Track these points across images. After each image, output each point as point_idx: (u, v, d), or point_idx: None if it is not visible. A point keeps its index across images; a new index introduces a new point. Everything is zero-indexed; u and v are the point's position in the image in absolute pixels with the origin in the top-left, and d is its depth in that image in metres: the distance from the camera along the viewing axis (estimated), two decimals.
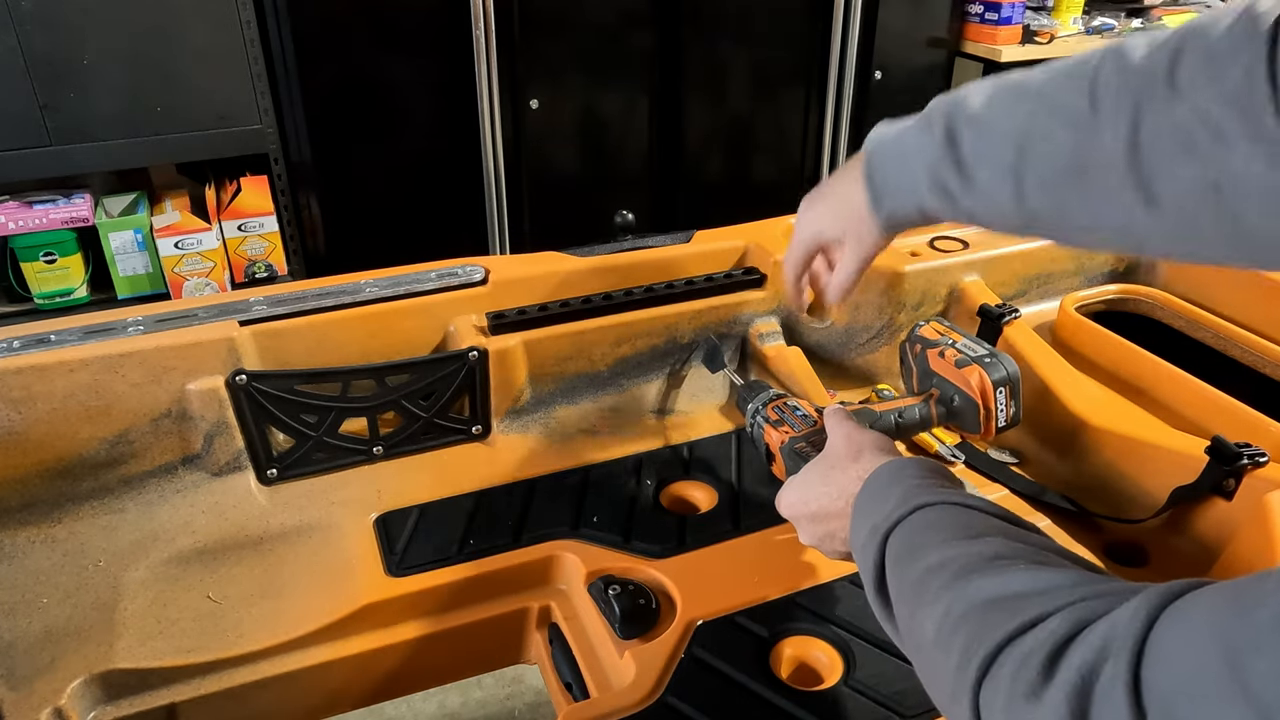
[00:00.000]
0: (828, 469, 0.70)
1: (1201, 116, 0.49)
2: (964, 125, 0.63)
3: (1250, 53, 0.47)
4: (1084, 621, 0.41)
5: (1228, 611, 0.35)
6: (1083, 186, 0.56)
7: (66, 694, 0.72)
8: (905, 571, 0.55)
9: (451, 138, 2.20)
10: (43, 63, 1.75)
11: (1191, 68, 0.50)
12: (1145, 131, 0.52)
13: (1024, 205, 0.60)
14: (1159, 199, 0.52)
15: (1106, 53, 0.56)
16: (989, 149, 0.61)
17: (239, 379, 0.89)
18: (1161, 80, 0.51)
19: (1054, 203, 0.59)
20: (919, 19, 2.68)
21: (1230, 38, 0.49)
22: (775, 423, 0.85)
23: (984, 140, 0.62)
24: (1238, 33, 0.48)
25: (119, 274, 1.98)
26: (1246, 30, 0.48)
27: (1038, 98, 0.60)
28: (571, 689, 0.78)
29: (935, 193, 0.65)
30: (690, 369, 1.11)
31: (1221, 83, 0.48)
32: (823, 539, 0.69)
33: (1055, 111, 0.58)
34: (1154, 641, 0.37)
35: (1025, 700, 0.40)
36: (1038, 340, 1.09)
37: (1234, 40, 0.48)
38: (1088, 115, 0.55)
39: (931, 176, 0.65)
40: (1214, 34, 0.50)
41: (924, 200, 0.67)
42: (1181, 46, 0.51)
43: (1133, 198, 0.53)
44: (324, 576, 0.84)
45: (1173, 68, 0.51)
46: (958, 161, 0.63)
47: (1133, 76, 0.53)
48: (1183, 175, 0.50)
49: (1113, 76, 0.55)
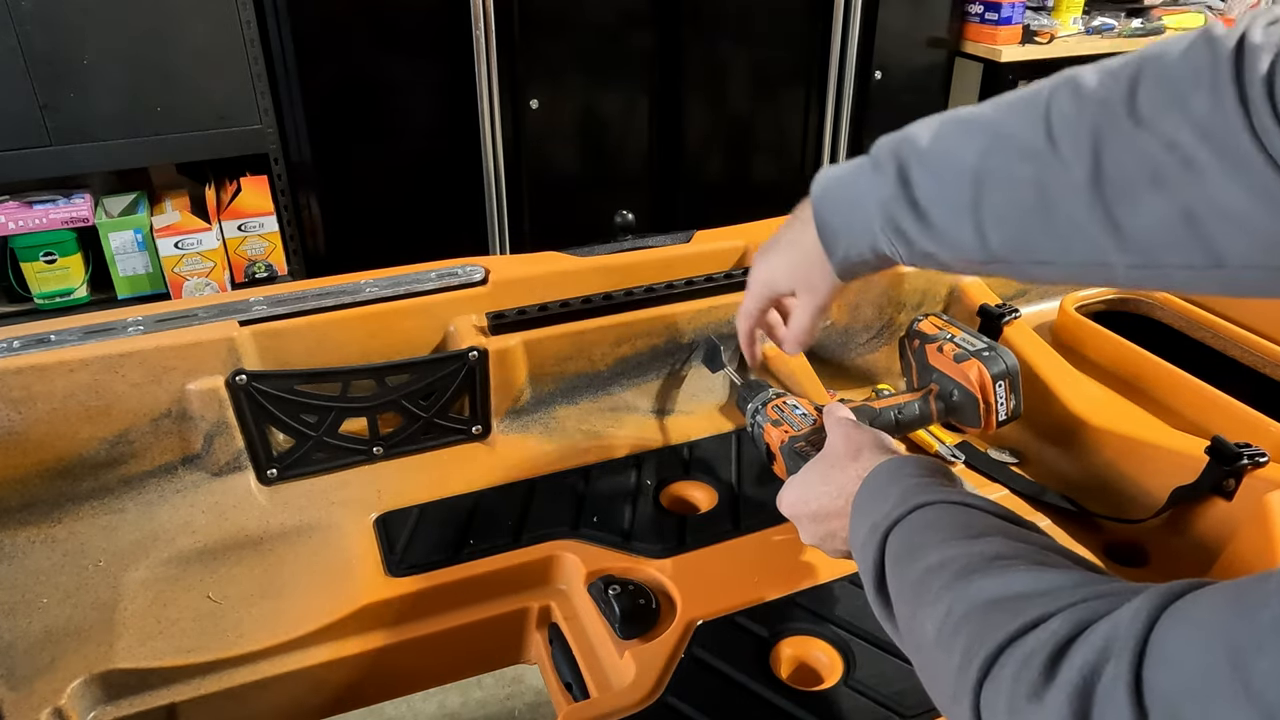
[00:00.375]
0: (827, 468, 0.70)
1: (1168, 144, 0.48)
2: (915, 164, 0.61)
3: (1214, 78, 0.46)
4: (1085, 622, 0.41)
5: (1229, 612, 0.35)
6: (1046, 221, 0.55)
7: (66, 694, 0.72)
8: (905, 571, 0.55)
9: (451, 138, 2.20)
10: (43, 63, 1.75)
11: (1152, 95, 0.49)
12: (1108, 163, 0.51)
13: (985, 243, 0.58)
14: (1127, 231, 0.51)
15: (1058, 83, 0.55)
16: (945, 188, 0.60)
17: (239, 379, 0.89)
18: (1121, 109, 0.50)
19: (1017, 239, 0.57)
20: (919, 19, 2.68)
21: (1189, 63, 0.48)
22: (775, 422, 0.85)
23: (938, 179, 0.60)
24: (1197, 58, 0.48)
25: (119, 274, 1.98)
26: (1207, 56, 0.47)
27: (991, 133, 0.58)
28: (571, 689, 0.78)
29: (890, 235, 0.63)
30: (690, 369, 1.11)
31: (1187, 110, 0.47)
32: (824, 538, 0.69)
33: (1010, 146, 0.56)
34: (1155, 642, 0.37)
35: (1027, 701, 0.40)
36: (1038, 340, 1.09)
37: (1194, 66, 0.48)
38: (1045, 148, 0.54)
39: (885, 218, 0.63)
40: (1170, 60, 0.50)
41: (878, 243, 0.64)
42: (1138, 75, 0.51)
43: (1100, 230, 0.52)
44: (324, 576, 0.84)
45: (1132, 96, 0.50)
46: (912, 202, 0.61)
47: (1089, 106, 0.52)
48: (1151, 206, 0.49)
49: (1068, 107, 0.54)
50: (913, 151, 0.62)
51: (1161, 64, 0.50)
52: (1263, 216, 0.45)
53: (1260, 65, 0.44)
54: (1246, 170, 0.45)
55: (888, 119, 2.76)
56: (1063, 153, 0.53)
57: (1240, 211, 0.46)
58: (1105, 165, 0.51)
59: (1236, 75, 0.45)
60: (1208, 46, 0.48)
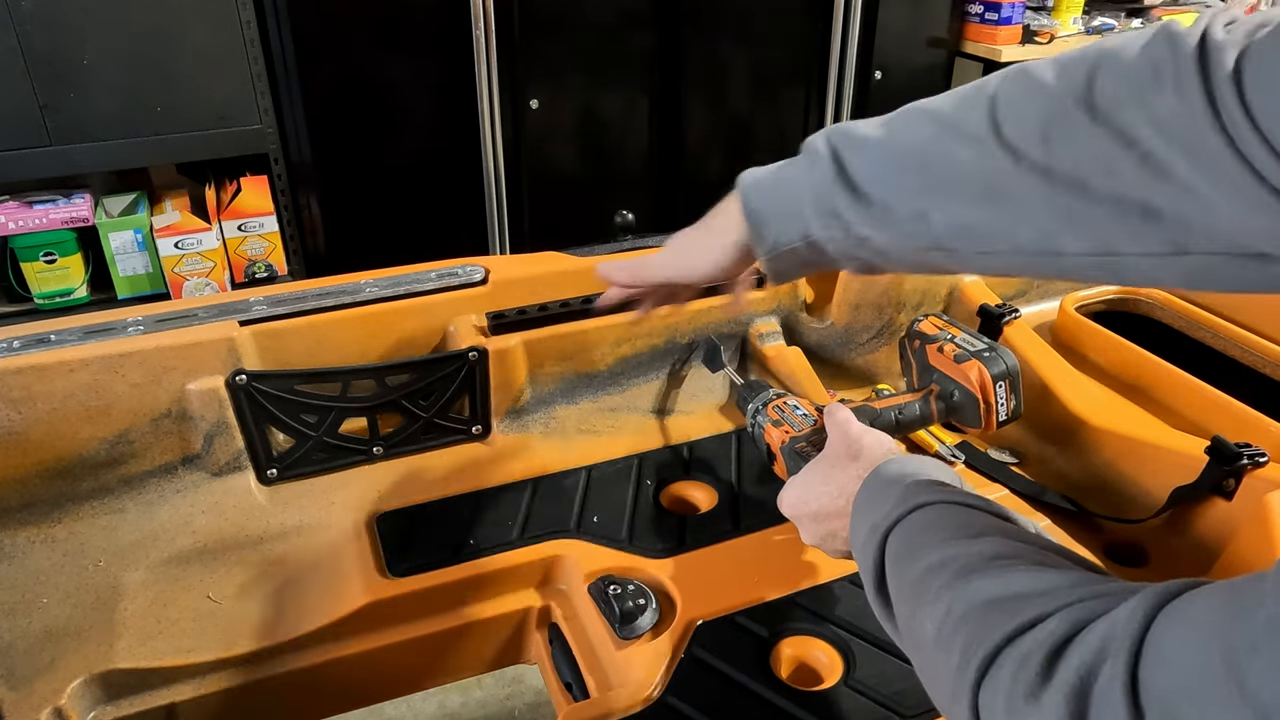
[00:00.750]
0: (828, 468, 0.70)
1: (1125, 140, 0.47)
2: (850, 149, 0.59)
3: (1177, 75, 0.46)
4: (1082, 622, 0.41)
5: (1225, 612, 0.35)
6: (992, 208, 0.54)
7: (66, 694, 0.72)
8: (905, 571, 0.55)
9: (451, 138, 2.20)
10: (43, 63, 1.75)
11: (1109, 90, 0.49)
12: (1060, 153, 0.50)
13: (929, 227, 0.56)
14: (1080, 219, 0.50)
15: (1008, 74, 0.55)
16: (884, 169, 0.58)
17: (239, 379, 0.89)
18: (1074, 102, 0.50)
19: (961, 225, 0.55)
20: (919, 19, 2.68)
21: (1149, 60, 0.48)
22: (776, 422, 0.85)
23: (877, 161, 0.58)
24: (1158, 55, 0.47)
25: (119, 274, 1.98)
26: (1167, 52, 0.47)
27: (935, 120, 0.57)
28: (571, 689, 0.78)
29: (824, 218, 0.60)
30: (690, 369, 1.11)
31: (1147, 106, 0.47)
32: (824, 538, 0.69)
33: (954, 132, 0.55)
34: (1151, 642, 0.37)
35: (1024, 701, 0.40)
36: (1038, 340, 1.09)
37: (1154, 63, 0.47)
38: (989, 135, 0.53)
39: (818, 201, 0.60)
40: (1128, 56, 0.49)
41: (810, 227, 0.61)
42: (1095, 69, 0.50)
43: (1051, 219, 0.51)
44: (324, 576, 0.84)
45: (1088, 89, 0.50)
46: (849, 183, 0.59)
47: (1039, 96, 0.52)
48: (1106, 197, 0.49)
49: (1016, 96, 0.53)
50: (847, 139, 0.60)
51: (1119, 59, 0.49)
52: (1228, 208, 0.45)
53: (1226, 62, 0.44)
54: (1213, 165, 0.44)
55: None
56: (1008, 139, 0.52)
57: (1205, 205, 0.46)
58: (1057, 155, 0.51)
59: (1202, 72, 0.45)
60: (1168, 44, 0.47)
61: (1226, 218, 0.45)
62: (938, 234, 0.57)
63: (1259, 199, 0.43)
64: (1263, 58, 0.43)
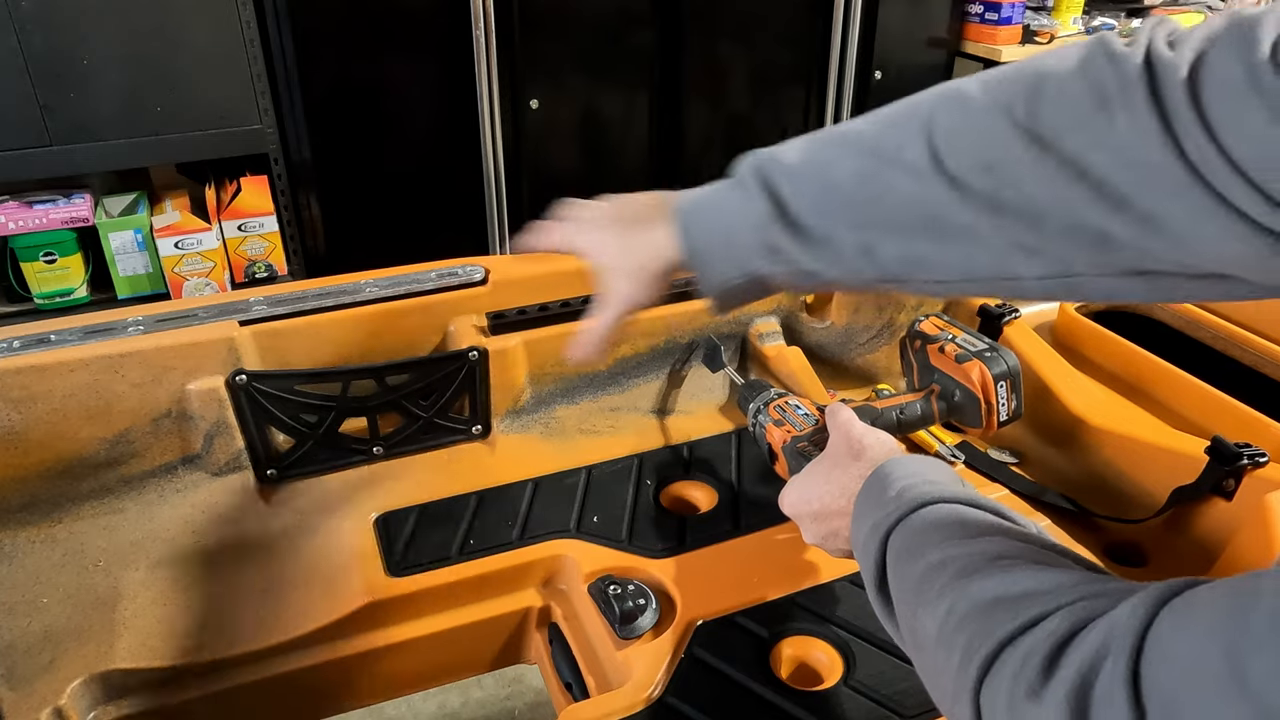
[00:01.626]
0: (830, 467, 0.70)
1: (1076, 170, 0.45)
2: (785, 181, 0.57)
3: (1126, 96, 0.43)
4: (1084, 621, 0.41)
5: (1226, 609, 0.35)
6: (940, 239, 0.52)
7: (66, 694, 0.72)
8: (906, 571, 0.55)
9: (451, 138, 2.20)
10: (43, 63, 1.75)
11: (1053, 117, 0.47)
12: (1006, 187, 0.48)
13: (875, 261, 0.54)
14: (1035, 247, 0.49)
15: (941, 97, 0.52)
16: (824, 203, 0.56)
17: (239, 379, 0.89)
18: (1017, 131, 0.48)
19: (910, 256, 0.54)
20: (919, 19, 2.68)
21: (1093, 82, 0.45)
22: (777, 422, 0.85)
23: (814, 195, 0.56)
24: (1101, 76, 0.45)
25: (119, 274, 1.98)
26: (1111, 72, 0.45)
27: (870, 150, 0.54)
28: (571, 689, 0.78)
29: (767, 254, 0.58)
30: (690, 369, 1.11)
31: (1096, 132, 0.45)
32: (826, 537, 0.69)
33: (895, 164, 0.53)
34: (1153, 639, 0.37)
35: (1026, 699, 0.40)
36: (1038, 340, 1.09)
37: (1098, 85, 0.45)
38: (929, 167, 0.51)
39: (759, 237, 0.58)
40: (1068, 77, 0.46)
41: (753, 264, 0.59)
42: (1035, 93, 0.47)
43: (1004, 246, 0.49)
44: (324, 576, 0.84)
45: (1030, 117, 0.47)
46: (788, 219, 0.56)
47: (980, 124, 0.49)
48: (1059, 227, 0.47)
49: (957, 125, 0.51)
50: (779, 169, 0.57)
51: (1059, 81, 0.47)
52: (1191, 235, 0.43)
53: (1177, 80, 0.42)
54: (1173, 192, 0.42)
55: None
56: (951, 171, 0.50)
57: (1166, 232, 0.44)
58: (1004, 187, 0.48)
59: (1152, 93, 0.43)
60: (1110, 64, 0.45)
61: (1189, 244, 0.44)
62: (886, 266, 0.55)
63: (1226, 225, 0.41)
64: (1220, 71, 0.41)
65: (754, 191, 0.58)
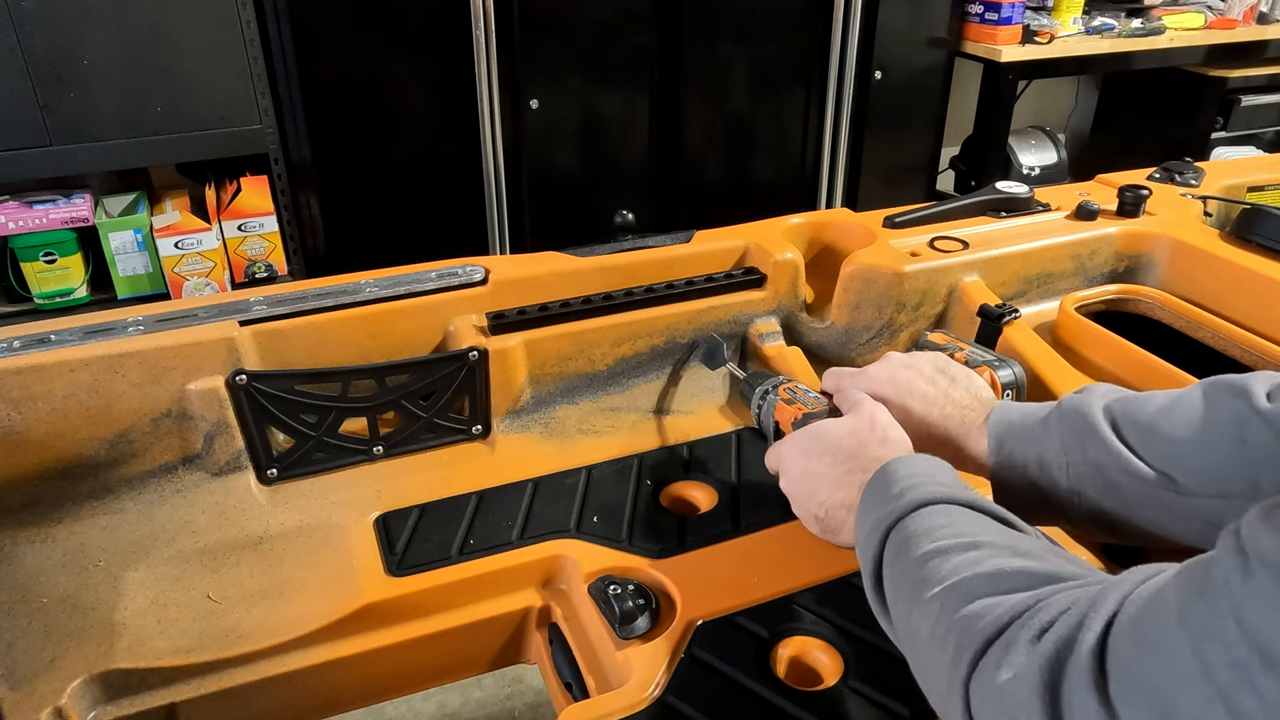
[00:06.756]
0: (851, 440, 0.69)
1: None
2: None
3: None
4: (1066, 609, 0.44)
5: (1188, 589, 0.39)
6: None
7: (66, 694, 0.72)
8: (902, 568, 0.55)
9: (451, 138, 2.21)
10: (43, 63, 1.75)
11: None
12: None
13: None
14: None
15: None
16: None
17: (239, 379, 0.89)
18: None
19: None
20: (919, 19, 2.68)
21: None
22: (788, 400, 0.85)
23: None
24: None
25: (119, 274, 1.99)
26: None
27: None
28: (571, 689, 0.78)
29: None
30: (690, 369, 1.11)
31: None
32: (815, 496, 0.69)
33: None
34: (1122, 617, 0.41)
35: (1003, 674, 0.44)
36: (1038, 340, 1.09)
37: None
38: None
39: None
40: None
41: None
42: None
43: None
44: (324, 576, 0.84)
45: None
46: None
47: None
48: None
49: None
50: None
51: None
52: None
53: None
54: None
55: (888, 119, 2.77)
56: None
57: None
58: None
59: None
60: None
61: None
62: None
63: None
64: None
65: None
